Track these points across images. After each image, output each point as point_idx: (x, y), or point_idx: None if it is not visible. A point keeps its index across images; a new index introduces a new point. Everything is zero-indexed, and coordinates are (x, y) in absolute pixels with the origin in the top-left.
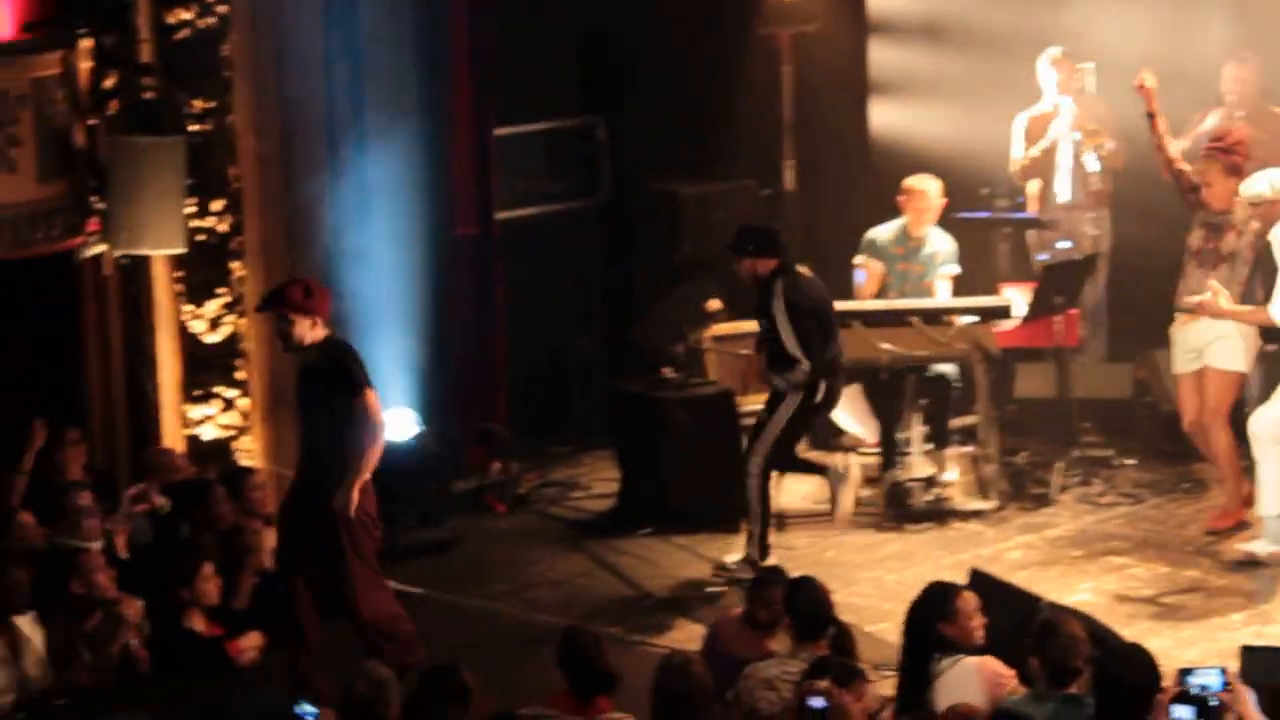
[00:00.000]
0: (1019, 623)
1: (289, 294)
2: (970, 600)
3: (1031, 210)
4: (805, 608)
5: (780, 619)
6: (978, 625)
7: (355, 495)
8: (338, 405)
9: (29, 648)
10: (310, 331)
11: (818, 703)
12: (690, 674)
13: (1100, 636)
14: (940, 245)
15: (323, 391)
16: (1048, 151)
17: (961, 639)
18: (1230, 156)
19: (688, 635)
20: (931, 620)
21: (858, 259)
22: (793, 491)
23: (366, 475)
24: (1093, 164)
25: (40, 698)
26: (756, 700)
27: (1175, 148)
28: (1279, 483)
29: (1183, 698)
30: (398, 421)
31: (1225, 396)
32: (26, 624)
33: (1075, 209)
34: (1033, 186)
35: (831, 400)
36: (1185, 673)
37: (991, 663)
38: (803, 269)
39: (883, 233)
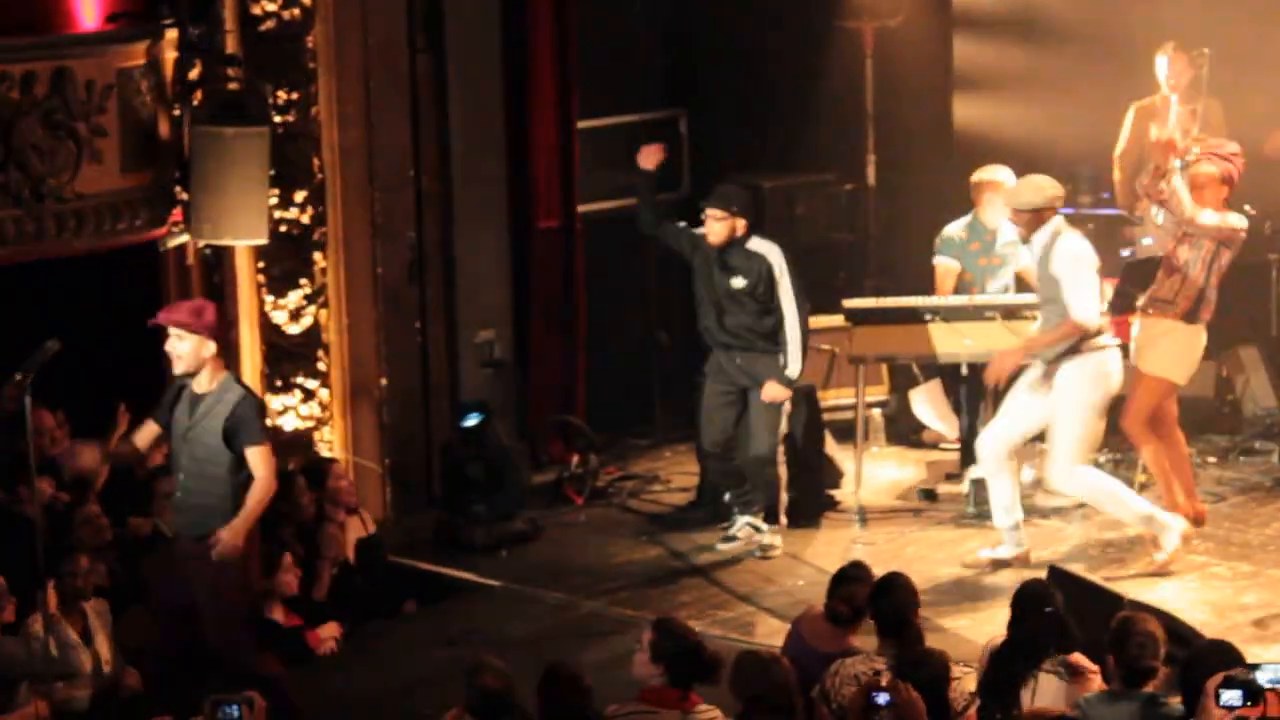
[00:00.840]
0: (1101, 621)
1: (181, 313)
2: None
3: (1118, 203)
4: (890, 605)
5: (862, 614)
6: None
7: (242, 539)
8: (229, 450)
9: (99, 633)
10: (202, 352)
11: (882, 698)
12: (771, 671)
13: (1182, 635)
14: (1015, 234)
15: (217, 432)
16: (1135, 151)
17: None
18: (1226, 166)
19: (768, 630)
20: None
21: (935, 260)
22: (874, 487)
23: (255, 519)
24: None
25: (112, 690)
26: (845, 697)
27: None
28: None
29: (1230, 683)
30: (476, 413)
31: (1147, 400)
32: (92, 610)
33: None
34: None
35: None
36: (1252, 668)
37: (1081, 660)
38: None
39: (956, 229)
